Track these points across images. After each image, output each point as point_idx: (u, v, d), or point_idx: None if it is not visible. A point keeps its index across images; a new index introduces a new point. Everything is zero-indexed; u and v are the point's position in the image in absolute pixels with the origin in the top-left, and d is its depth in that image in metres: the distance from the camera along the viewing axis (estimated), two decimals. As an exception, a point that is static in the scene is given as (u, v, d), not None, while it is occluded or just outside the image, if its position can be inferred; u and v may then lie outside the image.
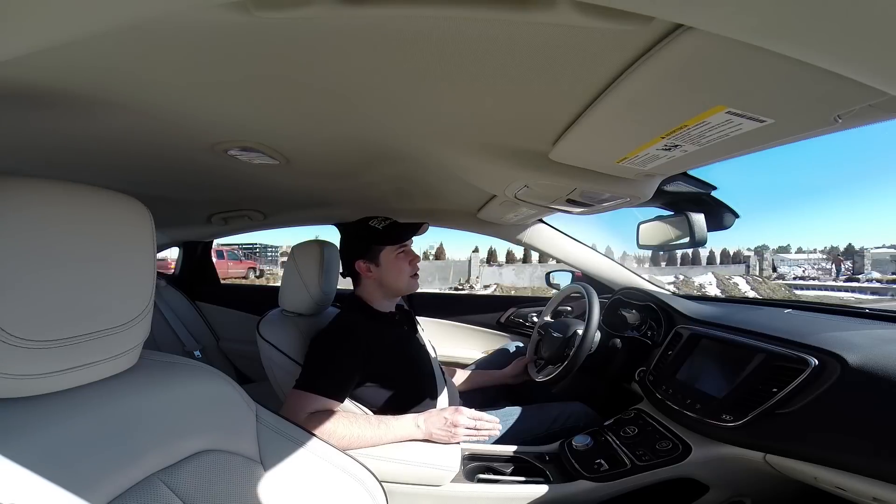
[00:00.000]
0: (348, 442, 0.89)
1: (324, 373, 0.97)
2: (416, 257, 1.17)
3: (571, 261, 1.64)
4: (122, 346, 0.49)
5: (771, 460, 0.79)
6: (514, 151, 0.78)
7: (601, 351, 1.21)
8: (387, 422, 0.95)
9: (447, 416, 0.97)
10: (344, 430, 0.90)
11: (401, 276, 1.14)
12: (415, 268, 1.17)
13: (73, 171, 0.93)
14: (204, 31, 0.42)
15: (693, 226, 1.10)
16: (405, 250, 1.16)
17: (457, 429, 0.96)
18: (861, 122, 0.49)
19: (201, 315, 2.13)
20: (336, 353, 0.99)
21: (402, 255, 1.14)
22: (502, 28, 0.40)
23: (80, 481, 0.42)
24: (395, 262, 1.13)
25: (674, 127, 0.54)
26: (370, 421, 0.95)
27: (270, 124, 0.72)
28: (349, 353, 1.00)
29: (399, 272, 1.14)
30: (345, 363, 0.99)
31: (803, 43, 0.29)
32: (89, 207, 0.46)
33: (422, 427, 0.96)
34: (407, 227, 1.15)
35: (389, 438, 0.94)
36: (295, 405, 0.91)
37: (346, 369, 0.99)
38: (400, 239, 1.13)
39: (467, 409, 1.00)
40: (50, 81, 0.52)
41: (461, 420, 0.97)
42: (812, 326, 0.87)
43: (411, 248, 1.19)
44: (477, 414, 1.01)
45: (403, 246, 1.15)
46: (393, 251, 1.13)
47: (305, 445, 0.65)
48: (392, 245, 1.13)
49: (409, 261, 1.15)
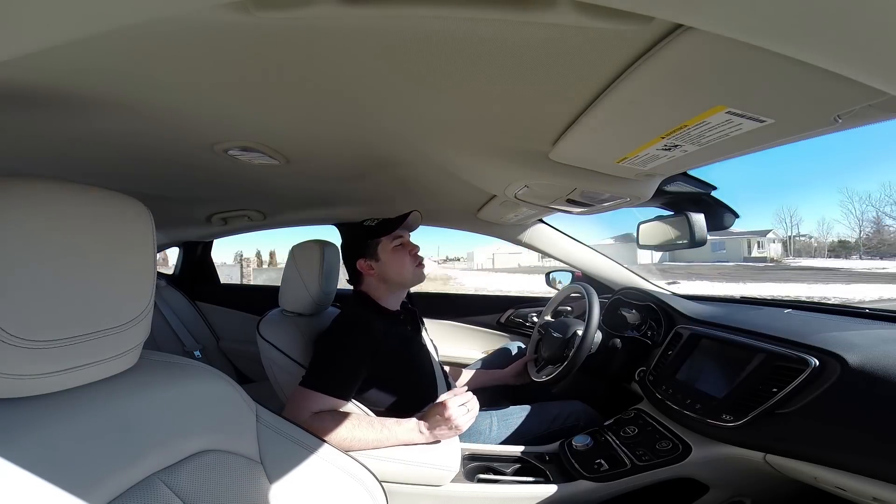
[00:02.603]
0: (349, 444, 0.89)
1: (330, 372, 0.96)
2: (415, 247, 1.17)
3: (571, 261, 1.64)
4: (122, 346, 0.49)
5: (771, 460, 0.79)
6: (514, 151, 0.78)
7: (601, 351, 1.22)
8: (389, 425, 0.95)
9: (438, 415, 0.95)
10: (346, 433, 0.89)
11: (403, 267, 1.14)
12: (417, 258, 1.16)
13: (73, 171, 0.93)
14: (204, 32, 0.42)
15: (693, 226, 1.10)
16: (402, 242, 1.15)
17: (454, 420, 0.94)
18: (861, 122, 0.49)
19: (201, 315, 2.13)
20: (342, 350, 0.99)
21: (399, 246, 1.14)
22: (502, 28, 0.40)
23: (80, 481, 0.42)
24: (394, 254, 1.13)
25: (674, 127, 0.54)
26: (373, 424, 0.94)
27: (270, 124, 0.72)
28: (355, 350, 1.00)
29: (400, 264, 1.14)
30: (351, 361, 0.98)
31: (803, 43, 0.29)
32: (89, 207, 0.46)
33: (425, 433, 0.95)
34: (398, 218, 1.15)
35: (391, 442, 0.93)
36: (299, 403, 0.91)
37: (353, 367, 0.98)
38: (392, 228, 1.13)
39: (445, 395, 0.98)
40: (50, 82, 0.52)
41: (452, 412, 0.94)
42: (812, 326, 0.87)
43: (410, 240, 1.19)
44: (451, 393, 0.98)
45: (399, 237, 1.15)
46: (389, 243, 1.13)
47: (306, 446, 0.65)
48: (387, 236, 1.13)
49: (408, 251, 1.15)
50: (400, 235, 1.16)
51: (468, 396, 0.98)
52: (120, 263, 0.47)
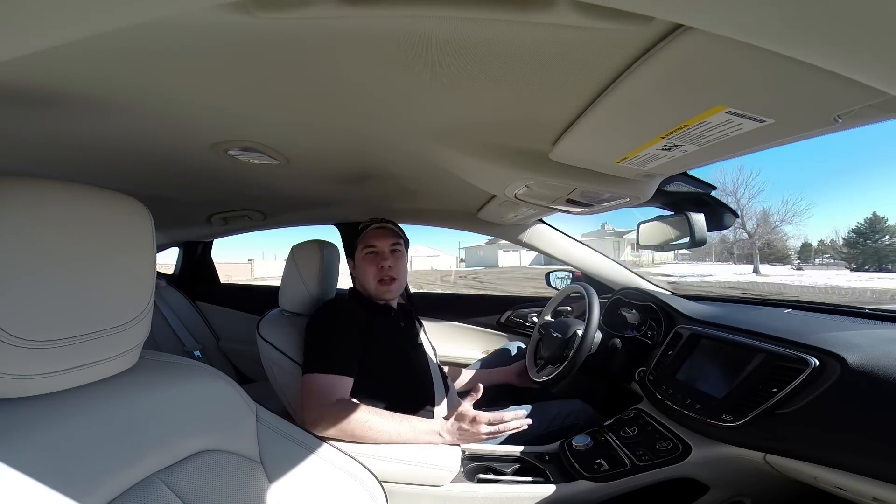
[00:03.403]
0: (371, 431, 0.89)
1: (328, 351, 0.97)
2: (384, 260, 1.11)
3: (572, 261, 1.64)
4: (122, 346, 0.49)
5: (771, 460, 0.79)
6: (514, 151, 0.78)
7: (601, 351, 1.21)
8: (411, 420, 0.94)
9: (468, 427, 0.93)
10: (367, 417, 0.89)
11: (366, 277, 1.12)
12: (382, 272, 1.11)
13: (73, 171, 0.93)
14: (204, 32, 0.42)
15: (693, 226, 1.10)
16: (374, 251, 1.12)
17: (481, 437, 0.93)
18: (861, 122, 0.49)
19: (201, 315, 2.13)
20: (331, 332, 1.00)
21: (370, 255, 1.12)
22: (502, 28, 0.40)
23: (80, 481, 0.42)
24: (363, 263, 1.13)
25: (674, 127, 0.54)
26: (394, 416, 0.94)
27: (270, 124, 0.72)
28: (345, 326, 1.01)
29: (364, 273, 1.13)
30: (343, 339, 0.99)
31: (803, 43, 0.29)
32: (89, 207, 0.46)
33: (445, 437, 0.94)
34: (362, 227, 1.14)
35: (410, 437, 0.92)
36: (317, 391, 0.91)
37: (349, 344, 1.00)
38: (361, 235, 1.14)
39: (484, 414, 0.95)
40: (50, 82, 0.52)
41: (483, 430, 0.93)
42: (812, 326, 0.87)
43: (385, 251, 1.13)
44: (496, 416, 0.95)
45: (370, 246, 1.12)
46: (361, 251, 1.12)
47: (306, 446, 0.65)
48: (361, 244, 1.13)
49: (377, 264, 1.11)
50: (371, 245, 1.13)
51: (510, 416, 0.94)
52: (120, 263, 0.47)
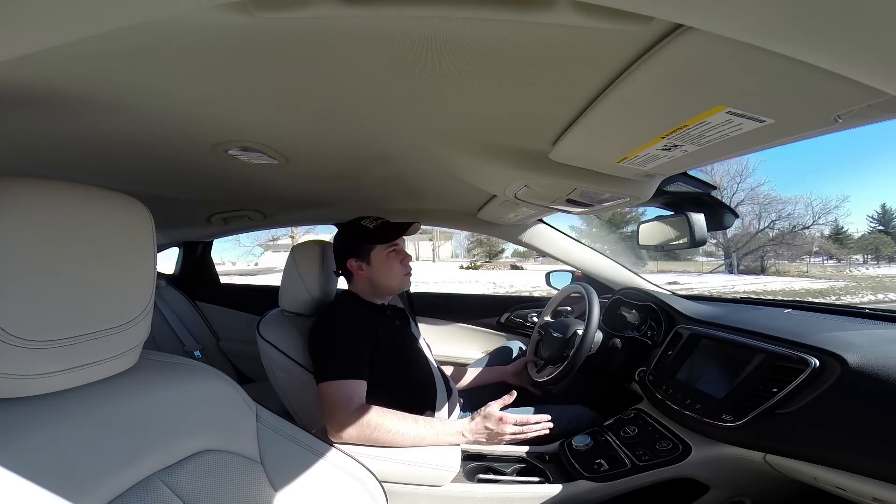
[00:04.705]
0: (395, 437, 0.90)
1: (338, 357, 0.98)
2: (407, 256, 1.18)
3: (571, 261, 1.64)
4: (122, 346, 0.49)
5: (771, 460, 0.79)
6: (514, 151, 0.78)
7: (601, 351, 1.21)
8: (434, 423, 0.96)
9: (493, 427, 0.98)
10: (391, 424, 0.91)
11: (392, 275, 1.15)
12: (406, 267, 1.18)
13: (74, 171, 0.93)
14: (204, 32, 0.42)
15: (693, 226, 1.10)
16: (396, 249, 1.16)
17: (504, 438, 0.98)
18: (861, 122, 0.49)
19: (201, 315, 2.13)
20: (338, 336, 1.01)
21: (392, 253, 1.15)
22: (502, 28, 0.40)
23: (80, 481, 0.42)
24: (386, 262, 1.14)
25: (674, 127, 0.54)
26: (417, 420, 0.96)
27: (270, 124, 0.72)
28: (350, 332, 1.02)
29: (390, 271, 1.15)
30: (351, 341, 1.00)
31: (803, 43, 0.29)
32: (89, 207, 0.46)
33: (468, 437, 0.97)
34: (397, 227, 1.15)
35: (434, 440, 0.94)
36: (338, 400, 0.92)
37: (356, 346, 1.00)
38: (389, 238, 1.14)
39: (511, 416, 1.00)
40: (50, 82, 0.52)
41: (508, 430, 0.98)
42: (812, 326, 0.87)
43: (403, 248, 1.20)
44: (523, 418, 1.00)
45: (394, 245, 1.15)
46: (384, 250, 1.13)
47: (306, 446, 0.65)
48: (382, 244, 1.13)
49: (399, 259, 1.16)
50: (396, 244, 1.16)
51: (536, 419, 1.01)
52: (120, 263, 0.47)
